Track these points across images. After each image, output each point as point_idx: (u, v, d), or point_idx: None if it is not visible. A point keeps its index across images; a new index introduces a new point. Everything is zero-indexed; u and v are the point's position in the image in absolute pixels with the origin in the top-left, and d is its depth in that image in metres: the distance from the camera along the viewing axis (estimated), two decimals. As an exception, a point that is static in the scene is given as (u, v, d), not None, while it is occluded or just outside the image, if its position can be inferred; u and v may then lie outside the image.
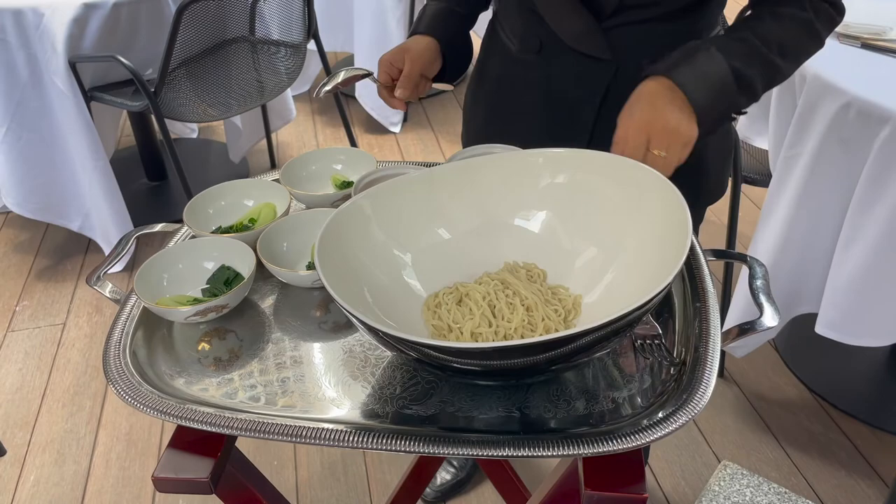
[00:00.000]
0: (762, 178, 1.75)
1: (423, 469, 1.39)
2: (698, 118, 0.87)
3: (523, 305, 0.80)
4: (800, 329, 1.94)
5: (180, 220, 0.99)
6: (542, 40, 1.04)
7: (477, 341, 0.77)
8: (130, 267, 2.40)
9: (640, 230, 0.80)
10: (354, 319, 0.68)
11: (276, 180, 1.04)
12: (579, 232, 0.85)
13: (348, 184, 1.06)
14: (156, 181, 2.82)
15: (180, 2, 2.00)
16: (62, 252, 2.52)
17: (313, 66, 3.10)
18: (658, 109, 0.86)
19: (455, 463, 1.69)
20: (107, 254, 2.35)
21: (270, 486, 0.84)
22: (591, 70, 1.02)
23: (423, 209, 0.86)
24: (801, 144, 1.53)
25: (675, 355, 0.79)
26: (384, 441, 0.70)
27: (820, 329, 1.56)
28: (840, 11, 0.93)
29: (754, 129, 1.90)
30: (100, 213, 2.29)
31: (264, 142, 2.86)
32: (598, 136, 1.03)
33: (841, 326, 1.53)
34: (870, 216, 1.44)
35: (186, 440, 0.75)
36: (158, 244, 1.28)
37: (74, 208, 2.31)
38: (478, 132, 1.20)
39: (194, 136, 3.15)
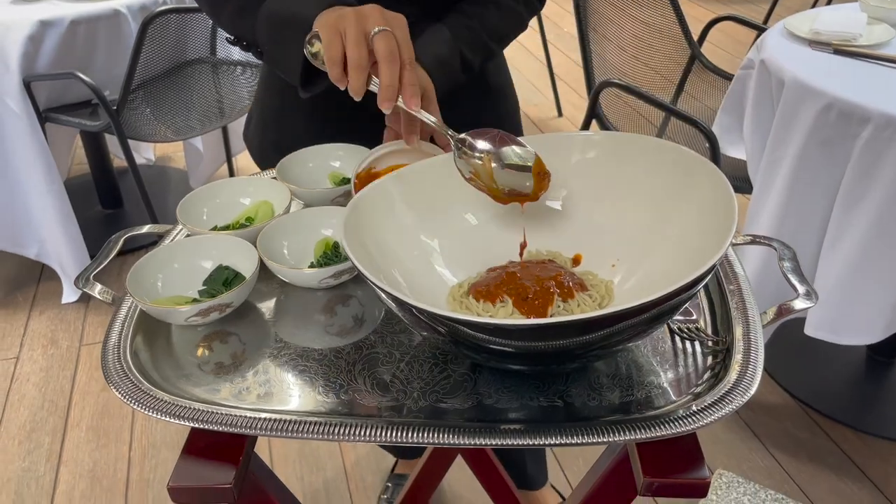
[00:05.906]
0: (743, 185, 1.76)
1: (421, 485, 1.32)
2: None
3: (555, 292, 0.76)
4: (780, 336, 1.94)
5: (140, 248, 0.91)
6: None
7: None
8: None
9: (682, 215, 0.77)
10: (387, 297, 0.63)
11: (273, 178, 0.99)
12: (613, 216, 0.81)
13: (348, 180, 1.01)
14: (111, 209, 2.71)
15: (145, 16, 1.94)
16: (13, 282, 2.38)
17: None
18: None
19: None
20: (63, 283, 2.23)
21: (293, 497, 0.77)
22: None
23: (451, 192, 0.81)
24: (784, 148, 1.54)
25: (719, 336, 0.75)
26: (425, 434, 0.64)
27: (809, 330, 1.55)
28: (542, 2, 1.07)
29: (727, 139, 1.91)
30: (54, 240, 2.17)
31: (225, 167, 2.79)
32: None
33: (830, 326, 1.54)
34: (855, 214, 1.45)
35: (201, 445, 0.68)
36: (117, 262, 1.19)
37: (29, 235, 2.18)
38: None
39: (150, 163, 3.06)
